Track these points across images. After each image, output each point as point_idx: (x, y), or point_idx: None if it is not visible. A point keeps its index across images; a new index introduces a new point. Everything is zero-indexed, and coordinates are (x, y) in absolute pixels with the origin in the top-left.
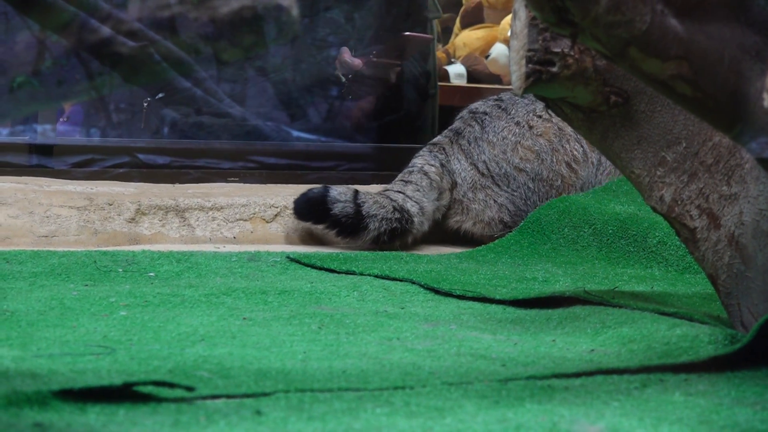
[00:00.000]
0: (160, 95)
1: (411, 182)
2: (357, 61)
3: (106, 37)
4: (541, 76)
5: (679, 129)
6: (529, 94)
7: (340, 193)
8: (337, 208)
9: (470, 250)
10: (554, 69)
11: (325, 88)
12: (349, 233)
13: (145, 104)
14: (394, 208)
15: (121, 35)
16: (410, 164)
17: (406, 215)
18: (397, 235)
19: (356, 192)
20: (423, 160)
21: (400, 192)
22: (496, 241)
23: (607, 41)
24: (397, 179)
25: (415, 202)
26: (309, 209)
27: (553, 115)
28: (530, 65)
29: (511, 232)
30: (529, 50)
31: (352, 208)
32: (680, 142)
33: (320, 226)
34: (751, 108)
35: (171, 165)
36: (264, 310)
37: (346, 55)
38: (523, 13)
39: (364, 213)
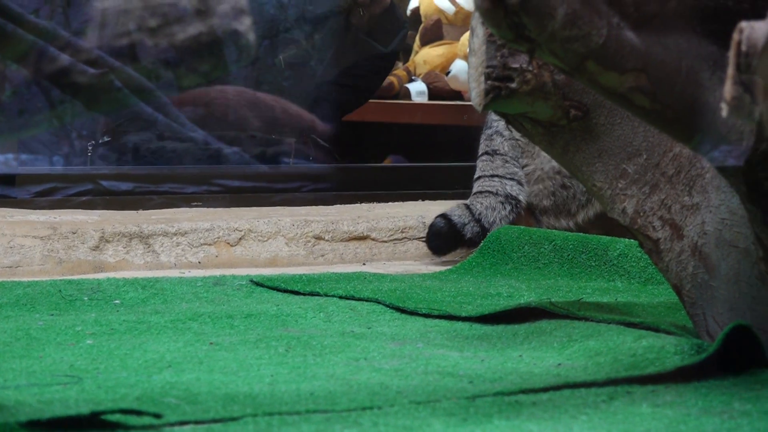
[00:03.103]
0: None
1: (498, 154)
2: None
3: (66, 66)
4: (500, 92)
5: (640, 141)
6: (489, 111)
7: (459, 216)
8: (468, 233)
9: (433, 272)
10: (513, 85)
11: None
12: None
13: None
14: (502, 204)
15: (80, 63)
16: (488, 123)
17: (514, 201)
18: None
19: (468, 208)
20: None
21: (495, 176)
22: (458, 264)
23: (564, 56)
24: (482, 154)
25: (514, 181)
26: (446, 244)
27: None
28: (489, 81)
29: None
30: (488, 66)
31: (478, 226)
32: (641, 154)
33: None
34: (710, 118)
35: (135, 191)
36: (230, 334)
37: None
38: (480, 30)
39: (486, 226)
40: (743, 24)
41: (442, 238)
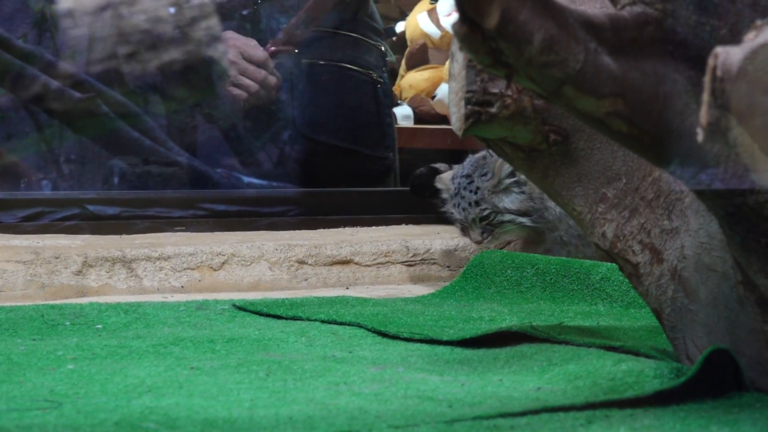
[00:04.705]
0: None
1: None
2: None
3: (53, 90)
4: (480, 117)
5: (619, 165)
6: (470, 136)
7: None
8: (441, 167)
9: (416, 296)
10: (493, 109)
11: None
12: None
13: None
14: None
15: (67, 87)
16: None
17: None
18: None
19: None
20: None
21: None
22: (441, 288)
23: (541, 81)
24: None
25: None
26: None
27: None
28: (469, 106)
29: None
30: (468, 91)
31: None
32: (620, 178)
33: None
34: (688, 143)
35: (120, 215)
36: (212, 358)
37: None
38: (460, 56)
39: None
40: (718, 49)
41: (421, 177)
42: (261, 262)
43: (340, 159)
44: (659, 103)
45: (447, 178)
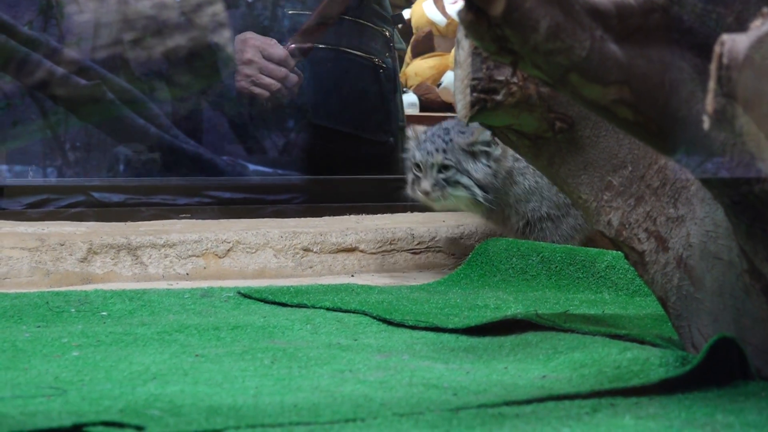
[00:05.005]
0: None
1: None
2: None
3: (58, 76)
4: (485, 105)
5: (625, 153)
6: (475, 123)
7: None
8: None
9: (421, 284)
10: (498, 97)
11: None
12: None
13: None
14: None
15: (72, 74)
16: None
17: None
18: None
19: None
20: None
21: None
22: (447, 276)
23: (547, 68)
24: None
25: None
26: None
27: None
28: (475, 94)
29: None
30: (473, 79)
31: None
32: (626, 166)
33: None
34: (694, 131)
35: (126, 203)
36: (217, 346)
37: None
38: (466, 43)
39: None
40: (725, 37)
41: None
42: (266, 249)
43: (340, 143)
44: (665, 90)
45: (420, 129)
